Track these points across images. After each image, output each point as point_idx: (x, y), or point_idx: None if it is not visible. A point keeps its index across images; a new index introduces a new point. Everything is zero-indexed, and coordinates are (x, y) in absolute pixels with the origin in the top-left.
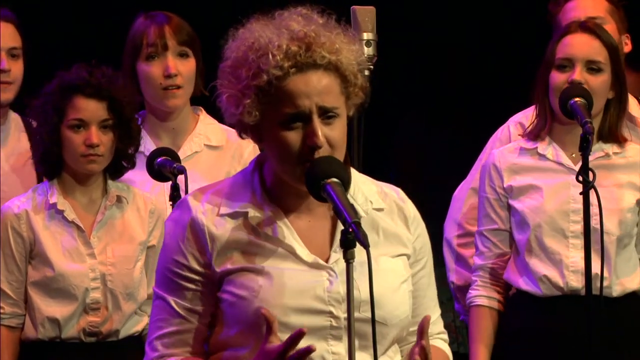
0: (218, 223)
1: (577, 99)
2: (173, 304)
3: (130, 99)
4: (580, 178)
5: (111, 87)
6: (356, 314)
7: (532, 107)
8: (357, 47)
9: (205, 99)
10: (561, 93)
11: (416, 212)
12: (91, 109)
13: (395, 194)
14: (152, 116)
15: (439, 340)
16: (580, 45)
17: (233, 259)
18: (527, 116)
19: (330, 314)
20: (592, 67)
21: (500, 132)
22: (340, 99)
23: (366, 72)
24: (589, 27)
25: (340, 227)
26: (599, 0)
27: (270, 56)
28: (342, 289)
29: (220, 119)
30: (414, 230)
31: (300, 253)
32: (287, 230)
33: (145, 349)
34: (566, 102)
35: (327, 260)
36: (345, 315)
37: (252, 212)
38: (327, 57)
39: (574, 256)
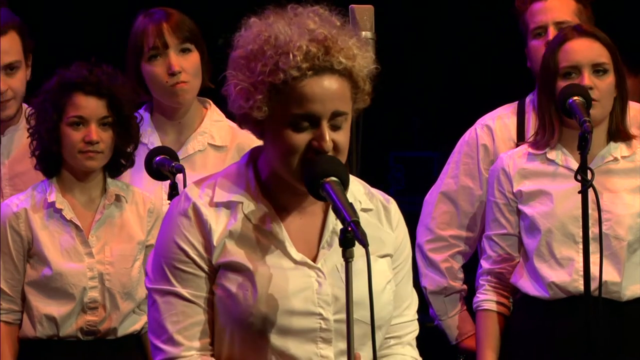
0: (213, 212)
1: (575, 97)
2: (187, 295)
3: (129, 97)
4: (580, 177)
5: (111, 85)
6: (343, 315)
7: (499, 109)
8: (370, 54)
9: (214, 90)
10: (559, 92)
11: (400, 214)
12: (91, 106)
13: (381, 195)
14: (160, 111)
15: (408, 347)
16: (583, 50)
17: (226, 250)
18: (493, 118)
19: (320, 315)
20: (598, 69)
21: (468, 135)
22: (350, 104)
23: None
24: (586, 30)
25: (330, 224)
26: (566, 2)
27: (291, 56)
28: (331, 291)
29: (229, 114)
30: (396, 228)
31: (290, 250)
32: (278, 227)
33: (159, 347)
34: (564, 102)
35: (315, 258)
36: (335, 317)
37: (247, 204)
38: (343, 63)
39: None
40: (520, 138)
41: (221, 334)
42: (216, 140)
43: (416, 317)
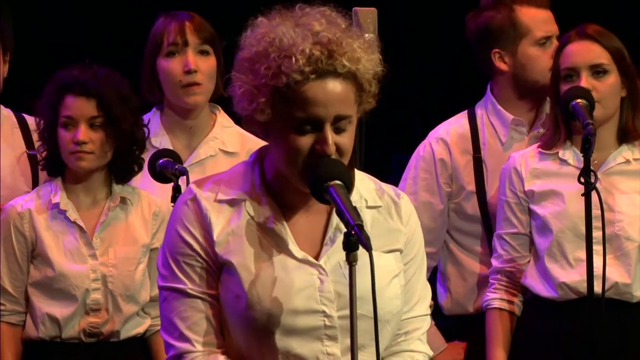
0: (217, 209)
1: (578, 100)
2: (194, 291)
3: (123, 97)
4: (583, 180)
5: (100, 85)
6: (347, 312)
7: (451, 120)
8: (375, 56)
9: (225, 99)
10: (562, 95)
11: (412, 208)
12: (79, 106)
13: (392, 191)
14: (171, 113)
15: (417, 342)
16: (581, 52)
17: (228, 248)
18: (447, 130)
19: (323, 313)
20: (598, 70)
21: (423, 150)
22: (354, 107)
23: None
24: (588, 33)
25: (334, 221)
26: (550, 14)
27: (294, 60)
28: (333, 288)
29: (238, 120)
30: (407, 223)
31: (292, 248)
32: (281, 225)
33: (171, 344)
34: (567, 104)
35: (317, 256)
36: (339, 313)
37: (250, 202)
38: (347, 66)
39: (596, 262)
40: (476, 148)
41: (228, 333)
42: (227, 146)
43: (428, 312)
